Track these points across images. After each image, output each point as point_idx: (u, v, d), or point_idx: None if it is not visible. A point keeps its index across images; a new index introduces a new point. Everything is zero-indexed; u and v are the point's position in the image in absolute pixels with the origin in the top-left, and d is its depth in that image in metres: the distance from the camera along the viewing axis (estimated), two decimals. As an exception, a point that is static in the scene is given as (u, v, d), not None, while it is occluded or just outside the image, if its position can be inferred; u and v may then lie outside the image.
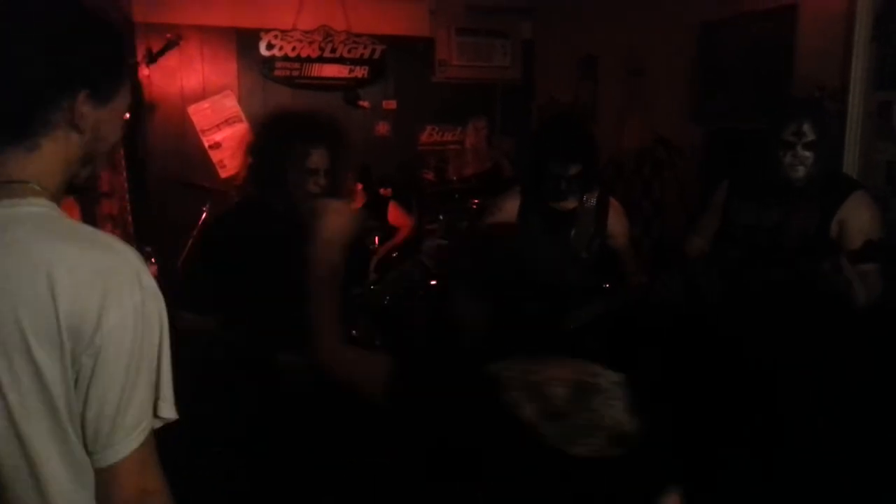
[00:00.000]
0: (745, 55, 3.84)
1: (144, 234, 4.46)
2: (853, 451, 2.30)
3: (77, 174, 1.08)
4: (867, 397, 2.37)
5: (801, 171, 2.37)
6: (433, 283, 4.28)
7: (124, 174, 4.12)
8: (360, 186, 4.48)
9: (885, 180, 3.07)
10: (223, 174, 5.33)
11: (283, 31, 5.50)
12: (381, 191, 4.92)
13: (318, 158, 2.24)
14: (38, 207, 0.99)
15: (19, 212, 0.97)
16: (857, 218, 2.36)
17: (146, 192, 5.02)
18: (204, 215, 4.65)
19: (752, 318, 2.41)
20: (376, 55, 5.75)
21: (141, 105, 5.04)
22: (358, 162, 4.46)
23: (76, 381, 0.95)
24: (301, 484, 2.26)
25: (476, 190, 4.83)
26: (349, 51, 5.68)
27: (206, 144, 5.45)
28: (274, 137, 2.25)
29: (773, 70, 3.64)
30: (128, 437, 0.98)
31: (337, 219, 1.60)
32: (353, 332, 2.61)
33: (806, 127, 2.34)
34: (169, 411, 1.05)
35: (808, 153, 2.35)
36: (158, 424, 1.04)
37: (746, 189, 2.59)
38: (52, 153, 1.02)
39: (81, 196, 1.11)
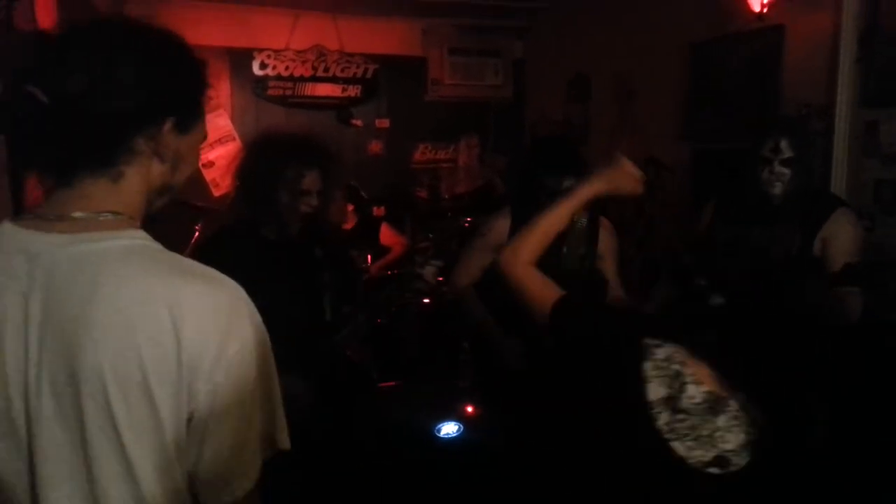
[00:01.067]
0: (734, 75, 3.89)
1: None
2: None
3: (153, 204, 1.06)
4: (855, 416, 2.38)
5: (778, 188, 2.39)
6: (426, 301, 4.29)
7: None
8: (351, 207, 4.50)
9: (873, 198, 3.10)
10: (216, 193, 5.34)
11: (276, 51, 5.54)
12: (375, 210, 4.94)
13: (311, 180, 2.25)
14: (139, 240, 0.98)
15: (122, 245, 0.95)
16: (840, 236, 2.37)
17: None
18: (196, 234, 4.65)
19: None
20: (369, 74, 5.79)
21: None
22: (346, 182, 4.50)
23: (190, 419, 0.92)
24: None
25: (468, 208, 4.85)
26: (342, 70, 5.72)
27: (199, 163, 5.45)
28: (267, 159, 2.25)
29: (761, 89, 3.68)
30: (244, 477, 0.96)
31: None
32: (348, 352, 2.60)
33: (783, 144, 2.36)
34: (285, 442, 1.02)
35: (785, 170, 2.37)
36: (271, 455, 1.01)
37: (731, 209, 2.61)
38: (136, 182, 1.00)
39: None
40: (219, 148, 5.46)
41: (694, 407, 1.26)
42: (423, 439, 3.33)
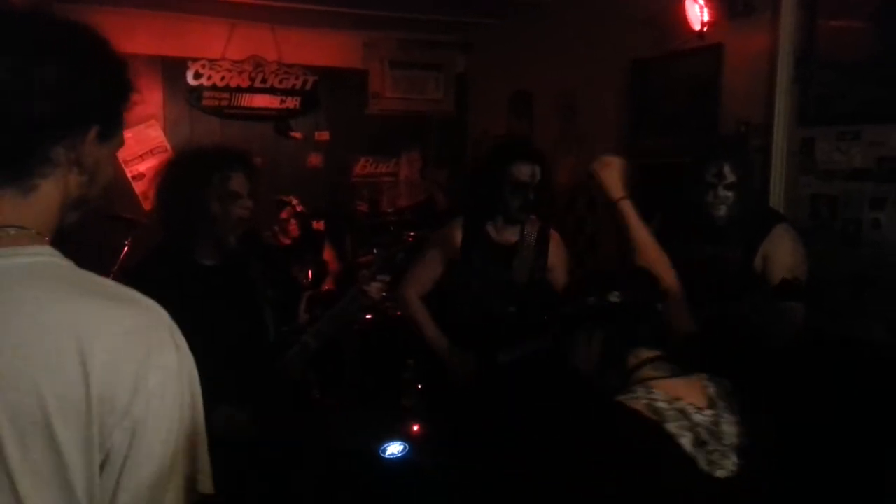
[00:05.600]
0: (674, 92, 3.95)
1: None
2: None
3: (66, 218, 0.94)
4: (796, 432, 2.41)
5: (722, 210, 2.41)
6: (368, 316, 4.19)
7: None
8: (294, 223, 4.40)
9: (810, 214, 3.17)
10: (146, 206, 5.10)
11: (211, 61, 5.37)
12: (314, 224, 4.82)
13: (238, 182, 2.17)
14: (45, 257, 0.86)
15: (24, 262, 0.83)
16: (781, 252, 2.40)
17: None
18: (126, 249, 4.46)
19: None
20: (308, 86, 5.68)
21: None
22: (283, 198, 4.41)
23: (104, 463, 0.80)
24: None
25: (411, 222, 4.79)
26: (280, 81, 5.59)
27: (129, 175, 5.24)
28: (188, 172, 2.14)
29: (700, 106, 3.75)
30: None
31: None
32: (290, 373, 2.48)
33: (727, 168, 2.38)
34: (208, 486, 0.90)
35: (729, 193, 2.39)
36: (193, 501, 0.89)
37: (675, 227, 2.62)
38: (51, 195, 0.88)
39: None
40: (150, 160, 5.25)
41: (706, 432, 1.29)
42: (368, 460, 3.23)
